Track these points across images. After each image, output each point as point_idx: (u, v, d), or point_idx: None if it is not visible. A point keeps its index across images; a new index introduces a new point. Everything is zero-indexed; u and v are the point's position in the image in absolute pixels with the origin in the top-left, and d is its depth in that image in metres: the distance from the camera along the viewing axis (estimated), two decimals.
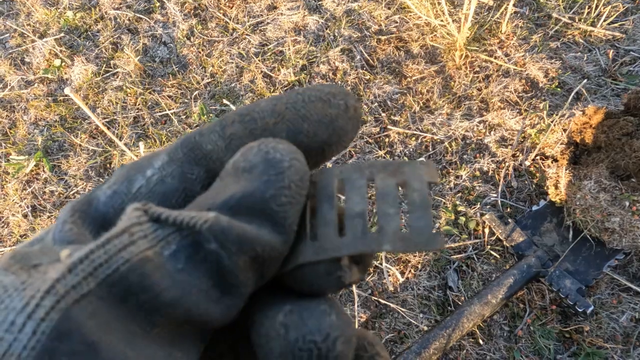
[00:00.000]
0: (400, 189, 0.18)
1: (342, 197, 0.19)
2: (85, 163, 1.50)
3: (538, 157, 1.34)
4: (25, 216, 1.45)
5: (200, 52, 1.65)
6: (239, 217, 0.16)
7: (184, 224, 0.16)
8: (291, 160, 0.17)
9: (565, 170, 1.24)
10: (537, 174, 1.32)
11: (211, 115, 1.51)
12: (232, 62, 1.61)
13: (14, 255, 0.16)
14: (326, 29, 1.66)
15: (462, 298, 1.21)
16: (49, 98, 1.64)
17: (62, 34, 1.75)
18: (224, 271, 0.16)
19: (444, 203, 1.32)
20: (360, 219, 0.17)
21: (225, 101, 1.33)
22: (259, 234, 0.16)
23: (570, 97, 1.32)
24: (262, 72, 1.58)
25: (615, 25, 1.55)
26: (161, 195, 0.18)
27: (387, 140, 1.43)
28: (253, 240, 0.16)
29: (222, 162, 0.19)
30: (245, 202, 0.17)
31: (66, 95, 1.63)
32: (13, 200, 1.48)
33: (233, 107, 1.31)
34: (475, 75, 1.50)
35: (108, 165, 1.51)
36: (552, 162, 1.30)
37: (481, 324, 1.17)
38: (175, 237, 0.16)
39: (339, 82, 1.53)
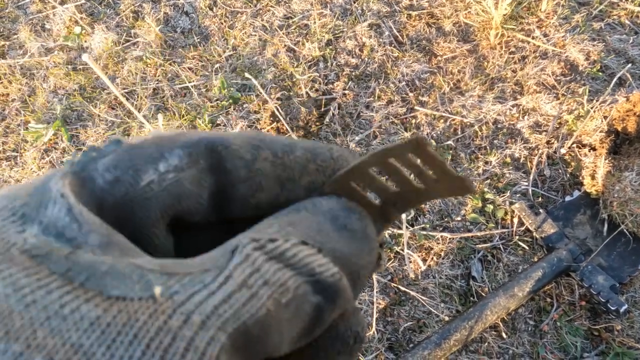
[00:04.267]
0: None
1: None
2: (103, 134, 1.48)
3: (574, 145, 1.26)
4: None
5: (222, 24, 1.60)
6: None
7: (308, 269, 0.16)
8: (377, 246, 0.20)
9: (604, 160, 1.17)
10: (573, 163, 1.25)
11: (232, 88, 1.46)
12: (255, 35, 1.56)
13: (45, 259, 0.14)
14: (354, 2, 1.58)
15: (486, 289, 1.16)
16: (69, 66, 1.61)
17: (83, 1, 1.71)
18: (318, 322, 0.17)
19: None
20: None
21: (247, 75, 1.28)
22: (351, 296, 0.18)
23: (613, 82, 1.23)
24: (285, 45, 1.52)
25: None
26: (174, 197, 0.18)
27: (414, 121, 1.37)
28: (349, 302, 0.18)
29: (233, 186, 0.19)
30: (346, 261, 0.18)
31: (86, 64, 1.60)
32: (31, 169, 1.47)
33: (255, 82, 1.26)
34: (511, 55, 1.42)
35: (126, 136, 1.48)
36: (589, 151, 1.23)
37: (505, 317, 1.13)
38: (292, 286, 0.16)
39: (366, 59, 1.47)
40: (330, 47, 1.50)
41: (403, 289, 1.17)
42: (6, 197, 0.16)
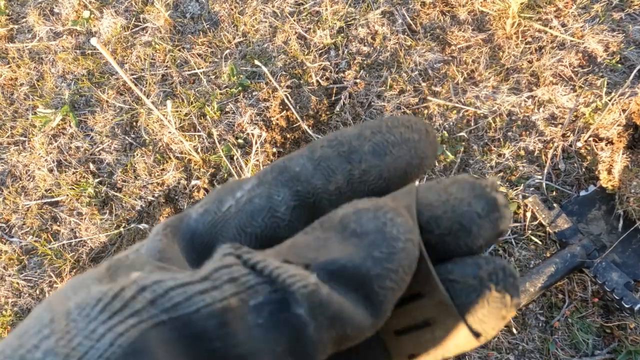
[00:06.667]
0: None
1: None
2: (111, 120, 1.47)
3: (591, 139, 1.23)
4: (50, 171, 1.44)
5: (232, 10, 1.57)
6: (336, 286, 0.16)
7: (280, 281, 0.15)
8: (406, 242, 0.16)
9: (622, 154, 1.14)
10: (589, 157, 1.22)
11: (241, 76, 1.44)
12: (266, 21, 1.53)
13: (110, 265, 0.17)
14: None
15: None
16: (77, 51, 1.59)
17: None
18: (304, 339, 0.15)
19: None
20: None
21: (256, 62, 1.26)
22: (354, 313, 0.15)
23: (632, 74, 1.20)
24: (296, 32, 1.49)
25: None
26: (248, 214, 0.20)
27: (426, 112, 1.34)
28: (347, 320, 0.15)
29: (309, 183, 0.20)
30: (347, 272, 0.16)
31: (94, 49, 1.58)
32: (39, 154, 1.46)
33: (265, 69, 1.23)
34: (527, 46, 1.39)
35: (134, 123, 1.47)
36: (606, 145, 1.20)
37: (515, 312, 1.11)
38: (265, 289, 0.15)
39: (378, 48, 1.44)
40: (342, 34, 1.47)
41: None
42: None
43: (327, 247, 0.17)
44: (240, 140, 1.36)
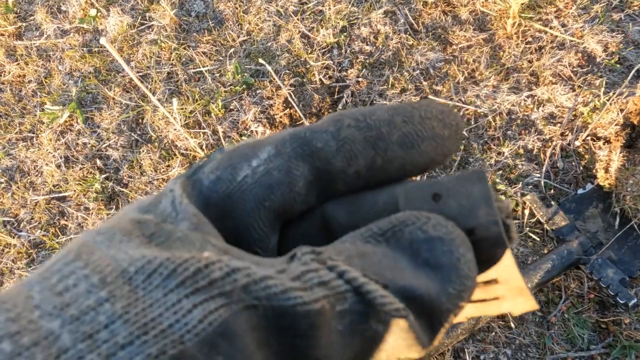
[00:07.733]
0: None
1: None
2: (118, 117, 1.49)
3: (589, 138, 1.25)
4: (58, 166, 1.46)
5: (237, 8, 1.60)
6: (410, 309, 0.16)
7: (371, 297, 0.15)
8: (473, 280, 0.17)
9: (619, 153, 1.16)
10: (586, 156, 1.24)
11: (245, 74, 1.46)
12: (270, 20, 1.55)
13: (141, 224, 0.16)
14: None
15: None
16: (84, 49, 1.62)
17: None
18: (375, 351, 0.16)
19: None
20: None
21: (260, 60, 1.28)
22: (424, 338, 0.17)
23: (631, 74, 1.22)
24: (300, 31, 1.52)
25: None
26: (266, 187, 0.19)
27: None
28: (420, 343, 0.16)
29: (329, 162, 0.19)
30: (422, 301, 0.16)
31: (101, 47, 1.61)
32: (47, 150, 1.49)
33: (269, 67, 1.26)
34: (527, 46, 1.40)
35: (140, 120, 1.49)
36: (604, 144, 1.22)
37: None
38: (352, 297, 0.15)
39: (380, 47, 1.46)
40: (345, 33, 1.49)
41: None
42: (143, 199, 0.19)
43: (400, 269, 0.17)
44: (244, 138, 1.39)
